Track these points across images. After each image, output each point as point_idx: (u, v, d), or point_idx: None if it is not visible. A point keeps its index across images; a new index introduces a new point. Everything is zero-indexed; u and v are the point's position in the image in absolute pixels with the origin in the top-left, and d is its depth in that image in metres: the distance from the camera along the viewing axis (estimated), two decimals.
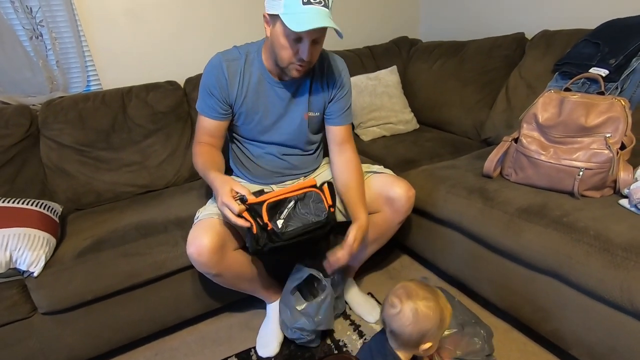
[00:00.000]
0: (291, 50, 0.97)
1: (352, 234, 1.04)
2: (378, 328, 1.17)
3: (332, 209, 1.03)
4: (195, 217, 1.12)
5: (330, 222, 1.02)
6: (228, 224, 1.05)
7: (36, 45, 1.50)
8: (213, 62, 1.09)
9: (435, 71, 1.90)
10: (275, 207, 0.97)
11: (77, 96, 1.54)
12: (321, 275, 1.14)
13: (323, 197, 1.03)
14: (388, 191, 1.14)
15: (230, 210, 0.93)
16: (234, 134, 1.22)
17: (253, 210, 0.95)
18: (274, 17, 0.94)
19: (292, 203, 0.98)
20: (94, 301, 1.14)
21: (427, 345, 0.83)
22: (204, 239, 0.99)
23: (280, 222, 0.96)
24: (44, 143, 1.45)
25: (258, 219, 0.94)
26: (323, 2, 0.92)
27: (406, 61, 2.08)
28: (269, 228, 0.94)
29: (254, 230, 0.93)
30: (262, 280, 1.20)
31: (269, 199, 0.96)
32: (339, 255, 1.04)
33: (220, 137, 1.15)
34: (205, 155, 1.10)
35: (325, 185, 1.06)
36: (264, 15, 0.99)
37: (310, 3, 0.91)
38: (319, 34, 0.95)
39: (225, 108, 1.11)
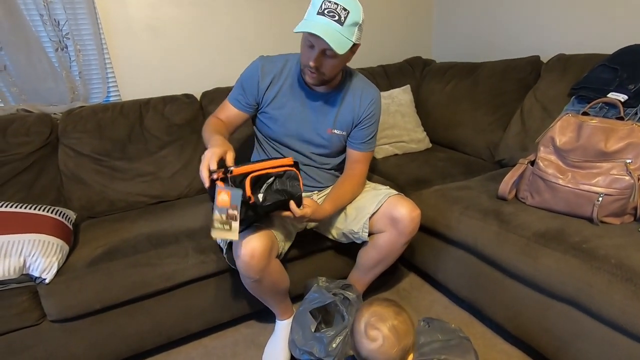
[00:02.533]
0: (305, 54, 1.05)
1: (306, 208, 1.03)
2: None
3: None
4: None
5: (301, 198, 1.04)
6: (272, 230, 1.08)
7: (61, 56, 1.55)
8: (254, 62, 1.20)
9: (449, 92, 1.91)
10: (257, 181, 0.96)
11: (96, 106, 1.57)
12: (344, 309, 1.12)
13: (299, 176, 1.03)
14: (392, 211, 1.12)
15: (204, 174, 0.90)
16: (259, 133, 1.29)
17: (235, 182, 0.91)
18: None
19: (272, 179, 0.98)
20: (102, 310, 1.13)
21: (410, 357, 0.83)
22: (256, 242, 1.00)
23: (260, 196, 0.95)
24: (63, 151, 1.48)
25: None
26: (338, 16, 0.97)
27: (419, 81, 2.10)
28: (251, 201, 0.93)
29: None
30: (286, 294, 1.21)
31: (252, 172, 0.94)
32: (286, 214, 1.02)
33: (234, 123, 1.22)
34: (217, 125, 1.16)
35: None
36: None
37: (324, 15, 0.98)
38: (325, 44, 0.98)
39: (249, 102, 1.19)
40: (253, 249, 0.99)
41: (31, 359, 1.11)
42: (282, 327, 1.23)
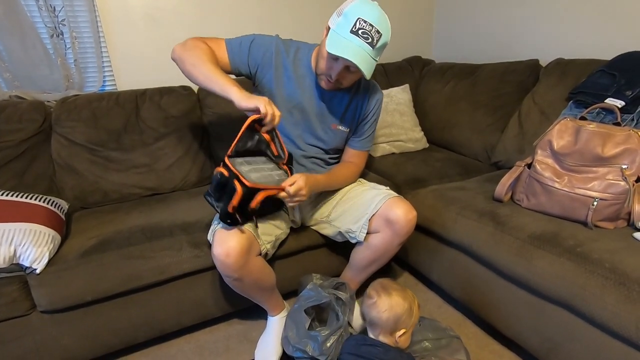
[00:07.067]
0: (327, 64, 1.05)
1: (296, 182, 1.01)
2: None
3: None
4: (216, 223, 1.11)
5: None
6: (253, 230, 1.06)
7: (56, 43, 1.52)
8: (270, 37, 1.17)
9: (447, 92, 1.91)
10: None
11: (91, 95, 1.55)
12: (339, 308, 1.12)
13: (289, 172, 1.10)
14: (388, 213, 1.12)
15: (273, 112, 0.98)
16: None
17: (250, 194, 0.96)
18: (328, 30, 1.04)
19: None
20: (93, 302, 1.12)
21: (402, 331, 0.96)
22: (232, 240, 0.99)
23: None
24: (56, 140, 1.46)
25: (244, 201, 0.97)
26: (371, 39, 0.97)
27: (418, 80, 2.10)
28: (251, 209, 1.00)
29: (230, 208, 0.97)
30: (273, 290, 1.20)
31: (267, 192, 0.99)
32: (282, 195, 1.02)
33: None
34: (214, 59, 1.09)
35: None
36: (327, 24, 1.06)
37: (357, 35, 0.97)
38: (355, 66, 0.98)
39: (245, 64, 1.15)
40: (229, 248, 0.99)
41: (20, 350, 1.09)
42: (274, 323, 1.23)
